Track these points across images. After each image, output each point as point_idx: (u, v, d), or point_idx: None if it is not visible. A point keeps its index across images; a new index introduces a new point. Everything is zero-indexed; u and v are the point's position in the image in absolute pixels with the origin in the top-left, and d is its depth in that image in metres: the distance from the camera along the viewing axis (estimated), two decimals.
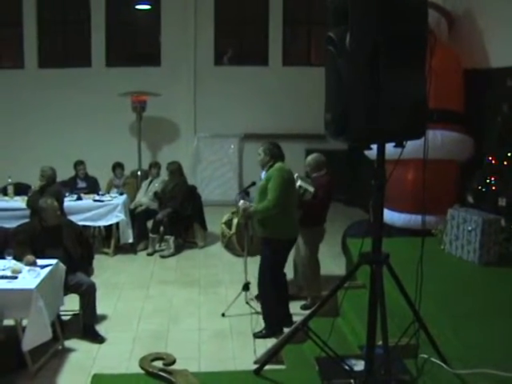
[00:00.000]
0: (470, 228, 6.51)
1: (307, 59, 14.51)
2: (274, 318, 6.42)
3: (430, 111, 3.70)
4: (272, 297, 6.41)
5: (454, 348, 4.42)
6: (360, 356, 4.39)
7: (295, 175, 6.71)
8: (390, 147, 3.54)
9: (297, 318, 6.41)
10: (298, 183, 6.94)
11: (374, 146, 3.59)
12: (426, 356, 4.34)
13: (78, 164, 10.64)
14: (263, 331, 6.42)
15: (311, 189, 6.97)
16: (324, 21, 3.56)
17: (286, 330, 6.08)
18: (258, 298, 7.08)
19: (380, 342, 3.76)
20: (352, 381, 4.10)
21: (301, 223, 6.82)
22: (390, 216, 8.34)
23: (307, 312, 5.26)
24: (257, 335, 6.38)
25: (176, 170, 10.23)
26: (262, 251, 6.46)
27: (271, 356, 4.61)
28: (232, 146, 14.21)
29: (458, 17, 9.14)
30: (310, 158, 7.46)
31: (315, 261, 7.36)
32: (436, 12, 8.84)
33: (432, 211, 7.28)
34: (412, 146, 3.48)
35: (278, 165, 6.24)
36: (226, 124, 13.95)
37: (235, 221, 8.82)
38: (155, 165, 11.01)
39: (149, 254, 9.86)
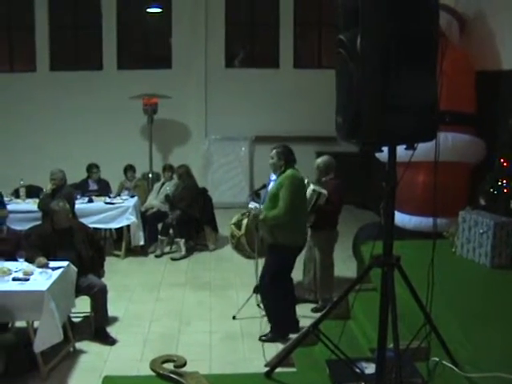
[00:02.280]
0: (481, 231, 6.48)
1: (318, 62, 14.48)
2: (280, 322, 6.41)
3: (441, 113, 3.69)
4: (278, 301, 6.40)
5: (465, 351, 4.41)
6: (371, 359, 4.38)
7: (305, 181, 6.71)
8: (401, 149, 3.53)
9: (307, 321, 6.42)
10: (311, 187, 6.95)
11: (385, 149, 3.59)
12: (437, 359, 4.33)
13: (93, 167, 10.65)
14: (269, 334, 6.42)
15: (325, 191, 6.97)
16: (335, 23, 3.55)
17: (292, 335, 6.10)
18: (262, 301, 7.08)
19: (391, 345, 3.75)
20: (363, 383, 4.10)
21: (315, 227, 6.83)
22: (401, 219, 8.32)
23: (318, 315, 5.26)
24: (262, 339, 6.38)
25: (184, 173, 10.25)
26: (269, 257, 6.45)
27: (282, 359, 4.61)
28: (243, 149, 14.20)
29: (470, 18, 9.11)
30: (319, 160, 7.43)
31: (331, 263, 7.36)
32: (447, 14, 8.81)
33: (443, 214, 7.25)
34: (423, 149, 3.47)
35: (289, 171, 6.22)
36: (237, 126, 13.95)
37: (245, 222, 8.80)
38: (169, 168, 10.99)
39: (157, 256, 9.87)
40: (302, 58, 14.57)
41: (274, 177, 6.54)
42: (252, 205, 6.65)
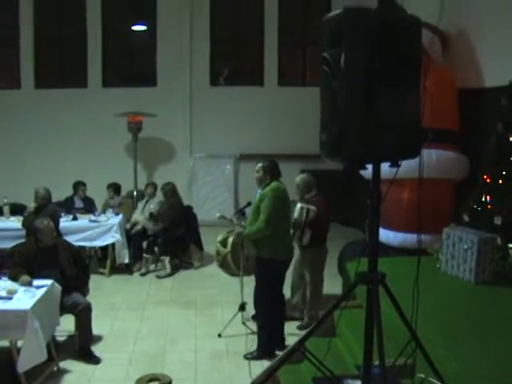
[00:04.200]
0: (465, 247, 6.51)
1: (302, 79, 14.57)
2: (267, 341, 6.39)
3: (424, 130, 3.71)
4: (267, 318, 6.39)
5: (451, 367, 4.41)
6: (357, 376, 4.37)
7: (291, 199, 6.72)
8: (385, 167, 3.55)
9: (293, 338, 6.41)
10: (299, 205, 6.97)
11: (370, 166, 3.60)
12: (423, 376, 4.33)
13: (80, 185, 10.66)
14: (254, 353, 6.40)
15: (313, 207, 6.99)
16: (319, 41, 3.58)
17: (278, 353, 6.08)
18: (254, 318, 7.07)
19: (377, 362, 3.75)
20: None
21: (309, 245, 6.85)
22: (385, 235, 8.34)
23: (303, 332, 5.25)
24: (247, 357, 6.36)
25: (169, 190, 10.26)
26: (257, 271, 6.46)
27: (268, 376, 4.59)
28: (228, 167, 14.23)
29: (452, 36, 9.20)
30: (298, 179, 7.43)
31: (321, 280, 7.37)
32: (430, 32, 8.87)
33: (428, 230, 7.27)
34: (407, 166, 3.49)
35: (273, 184, 6.24)
36: (222, 144, 13.98)
37: (230, 239, 8.79)
38: (151, 185, 11.00)
39: (142, 274, 9.85)
40: (287, 75, 14.64)
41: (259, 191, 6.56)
42: (237, 228, 6.68)
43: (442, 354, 4.58)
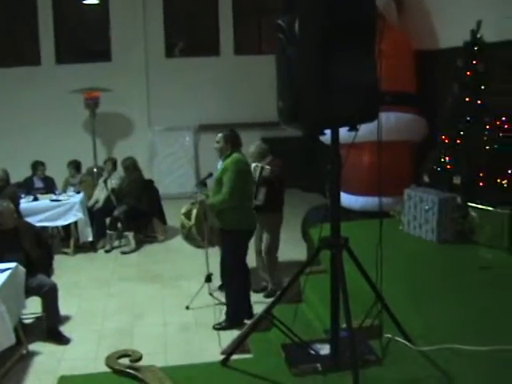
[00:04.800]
0: (426, 207, 6.60)
1: (258, 48, 14.49)
2: (235, 310, 6.43)
3: (382, 93, 3.73)
4: (233, 288, 6.42)
5: (417, 326, 4.49)
6: (325, 340, 4.43)
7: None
8: (343, 131, 3.56)
9: (260, 306, 6.45)
10: (253, 165, 6.97)
11: (328, 131, 3.61)
12: (390, 336, 4.40)
13: (38, 164, 10.48)
14: (223, 323, 6.43)
15: (267, 166, 7.00)
16: (274, 9, 3.56)
17: (246, 322, 6.12)
18: (221, 288, 7.09)
19: (344, 325, 3.79)
20: (318, 365, 4.14)
21: (261, 210, 6.84)
22: (347, 200, 8.41)
23: (270, 300, 5.29)
24: (216, 327, 6.39)
25: (130, 165, 10.16)
26: (222, 243, 6.48)
27: (237, 346, 4.62)
28: (187, 138, 14.15)
29: None
30: (251, 148, 7.41)
31: (277, 247, 7.39)
32: None
33: (389, 193, 7.34)
34: (366, 129, 3.50)
35: (234, 155, 6.22)
36: (181, 116, 13.88)
37: (194, 211, 8.78)
38: (110, 160, 10.88)
39: (107, 251, 9.79)
40: (242, 44, 14.54)
41: (220, 163, 6.54)
42: (199, 196, 6.66)
43: (407, 313, 4.65)
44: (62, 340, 6.29)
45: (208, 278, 7.14)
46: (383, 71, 3.55)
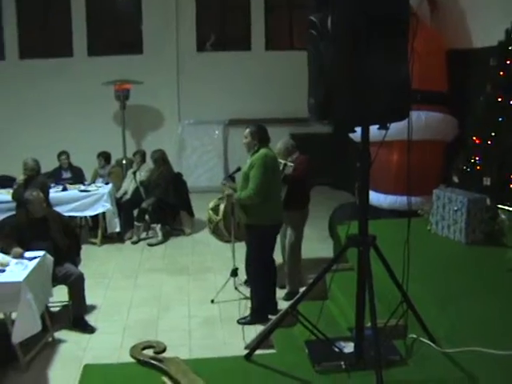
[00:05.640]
0: (455, 208, 6.54)
1: (290, 43, 14.46)
2: (260, 305, 6.42)
3: (413, 92, 3.70)
4: (259, 283, 6.41)
5: (441, 327, 4.46)
6: (349, 338, 4.42)
7: None
8: (374, 129, 3.55)
9: (285, 302, 6.46)
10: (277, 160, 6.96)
11: (358, 129, 3.59)
12: (414, 336, 4.38)
13: (61, 154, 10.56)
14: (247, 318, 6.43)
15: (290, 163, 6.97)
16: (306, 4, 3.55)
17: (271, 317, 6.12)
18: (246, 283, 7.10)
19: (369, 324, 3.78)
20: (342, 363, 4.13)
21: (286, 206, 6.81)
22: (376, 198, 8.37)
23: (289, 302, 5.28)
24: (240, 322, 6.40)
25: (159, 158, 10.19)
26: (247, 238, 6.47)
27: (261, 341, 4.63)
28: (216, 132, 14.17)
29: None
30: (278, 144, 7.36)
31: (299, 245, 7.33)
32: None
33: (418, 192, 7.31)
34: (396, 128, 3.49)
35: (262, 151, 6.20)
36: (211, 110, 13.90)
37: (222, 206, 8.81)
38: (138, 152, 10.93)
39: (133, 242, 9.85)
40: (274, 39, 14.51)
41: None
42: (227, 190, 6.66)
43: (433, 314, 4.63)
44: (87, 329, 6.34)
45: (234, 273, 7.16)
46: (415, 70, 3.53)
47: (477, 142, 7.12)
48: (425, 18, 8.73)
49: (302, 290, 6.44)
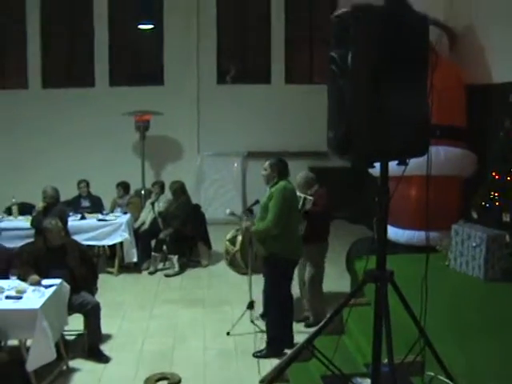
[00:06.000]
0: (474, 244, 6.49)
1: (309, 77, 14.56)
2: (276, 339, 6.39)
3: (432, 127, 3.70)
4: (276, 316, 6.38)
5: (460, 365, 4.40)
6: (366, 374, 4.37)
7: None
8: (393, 165, 3.54)
9: (301, 335, 6.41)
10: (297, 194, 6.95)
11: (377, 164, 3.59)
12: (432, 373, 4.32)
13: (80, 182, 10.66)
14: (263, 351, 6.40)
15: (310, 197, 6.97)
16: (326, 39, 3.58)
17: (287, 351, 6.08)
18: (263, 316, 7.07)
19: (386, 360, 3.74)
20: None
21: (306, 240, 6.82)
22: (394, 233, 8.32)
23: (311, 330, 5.24)
24: (256, 355, 6.36)
25: (178, 189, 10.23)
26: (265, 270, 6.46)
27: (277, 375, 4.59)
28: (235, 165, 14.23)
29: (460, 32, 9.17)
30: (298, 176, 7.41)
31: (321, 277, 7.34)
32: (437, 28, 8.86)
33: (436, 227, 7.25)
34: (415, 163, 3.48)
35: (281, 183, 6.23)
36: (230, 142, 13.98)
37: (239, 238, 8.82)
38: (157, 183, 10.99)
39: (150, 273, 9.86)
40: (294, 73, 14.62)
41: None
42: (244, 222, 6.69)
43: (451, 351, 4.57)
44: (102, 358, 6.34)
45: (250, 305, 7.13)
46: (434, 105, 3.53)
47: (496, 177, 7.09)
48: (444, 52, 8.76)
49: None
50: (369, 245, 7.76)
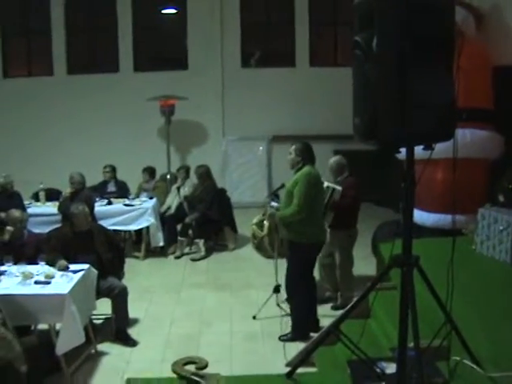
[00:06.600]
0: (501, 227, 6.43)
1: (334, 60, 14.48)
2: (301, 323, 6.40)
3: (458, 110, 3.66)
4: (300, 301, 6.40)
5: (486, 350, 4.38)
6: (391, 358, 4.36)
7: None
8: (418, 149, 3.52)
9: (327, 319, 6.42)
10: (325, 184, 6.93)
11: (403, 149, 3.57)
12: (458, 358, 4.30)
13: (106, 167, 10.72)
14: (288, 335, 6.42)
15: (339, 188, 6.95)
16: (350, 21, 3.55)
17: (312, 335, 6.09)
18: (287, 300, 7.09)
19: (412, 344, 3.74)
20: None
21: (334, 227, 6.81)
22: (419, 216, 8.27)
23: (337, 313, 5.24)
24: (282, 338, 6.38)
25: (204, 173, 10.25)
26: (289, 254, 6.46)
27: (303, 359, 4.60)
28: (260, 148, 14.24)
29: (486, 12, 9.04)
30: (332, 161, 7.42)
31: (351, 262, 7.36)
32: (463, 9, 8.75)
33: (462, 211, 7.20)
34: (441, 146, 3.44)
35: (306, 169, 6.21)
36: (255, 126, 13.97)
37: (267, 222, 8.81)
38: (182, 168, 11.02)
39: (176, 257, 9.92)
40: (318, 56, 14.54)
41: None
42: (269, 209, 6.70)
43: (477, 336, 4.55)
44: (130, 342, 6.41)
45: (276, 289, 7.14)
46: (461, 87, 3.50)
47: None
48: (470, 33, 8.65)
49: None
50: (395, 228, 7.75)
